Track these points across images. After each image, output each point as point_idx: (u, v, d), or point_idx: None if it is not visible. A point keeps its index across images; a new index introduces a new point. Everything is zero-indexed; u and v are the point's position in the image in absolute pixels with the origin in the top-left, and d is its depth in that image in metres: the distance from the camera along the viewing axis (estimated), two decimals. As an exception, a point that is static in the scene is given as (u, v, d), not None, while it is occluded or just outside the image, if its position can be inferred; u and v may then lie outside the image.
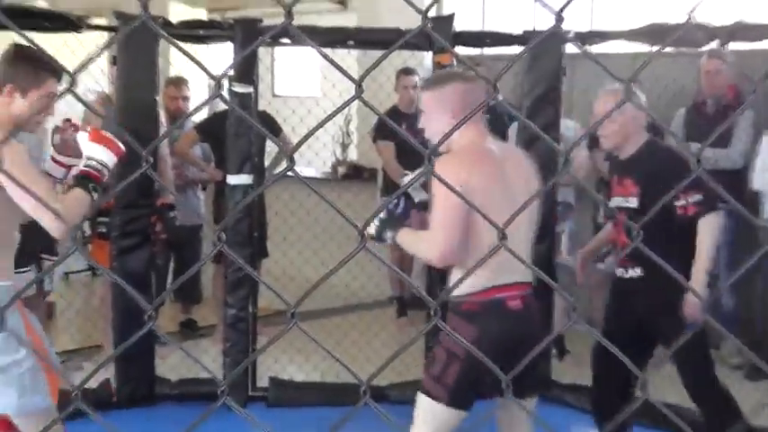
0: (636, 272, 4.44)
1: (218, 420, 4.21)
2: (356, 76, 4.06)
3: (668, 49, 5.90)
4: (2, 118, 3.54)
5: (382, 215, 3.70)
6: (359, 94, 1.05)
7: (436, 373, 3.50)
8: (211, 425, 1.79)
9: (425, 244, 3.51)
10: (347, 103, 1.50)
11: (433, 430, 3.53)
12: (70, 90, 1.33)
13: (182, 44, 6.27)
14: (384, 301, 8.12)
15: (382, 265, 7.84)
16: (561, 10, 1.08)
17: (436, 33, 5.97)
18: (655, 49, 5.79)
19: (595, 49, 6.12)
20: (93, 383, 5.87)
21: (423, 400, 3.55)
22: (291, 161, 1.23)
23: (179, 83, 7.36)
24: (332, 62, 1.42)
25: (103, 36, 6.09)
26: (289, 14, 1.27)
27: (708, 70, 6.32)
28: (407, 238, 3.58)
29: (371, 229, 3.62)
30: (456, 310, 3.51)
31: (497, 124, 6.83)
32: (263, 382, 6.01)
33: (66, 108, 6.08)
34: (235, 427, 4.47)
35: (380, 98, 7.35)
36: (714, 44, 5.81)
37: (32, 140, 4.84)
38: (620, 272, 4.55)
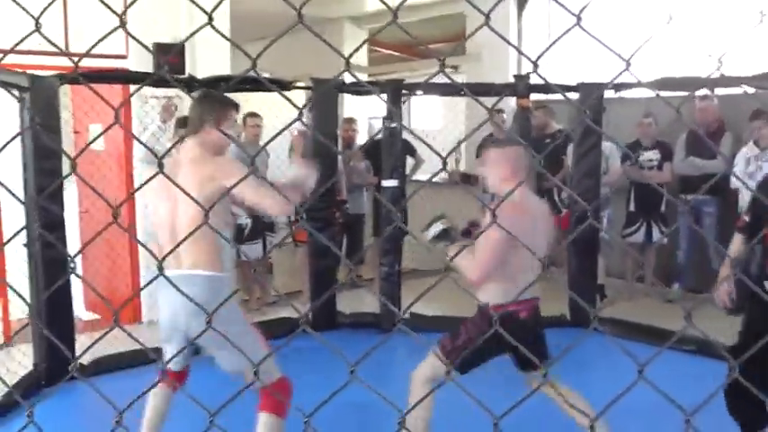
0: None
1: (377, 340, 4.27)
2: (465, 116, 4.05)
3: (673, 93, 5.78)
4: (214, 146, 3.14)
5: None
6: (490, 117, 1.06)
7: (454, 341, 3.33)
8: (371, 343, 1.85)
9: (470, 264, 3.18)
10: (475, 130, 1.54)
11: (432, 374, 3.32)
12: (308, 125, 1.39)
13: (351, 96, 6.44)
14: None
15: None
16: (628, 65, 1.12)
17: (518, 86, 6.00)
18: (663, 94, 5.69)
19: (624, 94, 6.04)
20: (294, 315, 6.09)
21: (437, 353, 3.35)
22: (445, 164, 1.19)
23: (350, 121, 7.52)
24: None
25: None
26: (443, 68, 1.31)
27: (700, 108, 6.30)
28: (458, 255, 3.20)
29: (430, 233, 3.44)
30: (481, 311, 3.34)
31: (563, 144, 6.79)
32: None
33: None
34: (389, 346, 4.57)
35: (483, 129, 7.35)
36: (704, 90, 5.72)
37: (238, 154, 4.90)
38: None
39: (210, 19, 0.92)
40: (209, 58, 6.17)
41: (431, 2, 8.89)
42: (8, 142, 1.25)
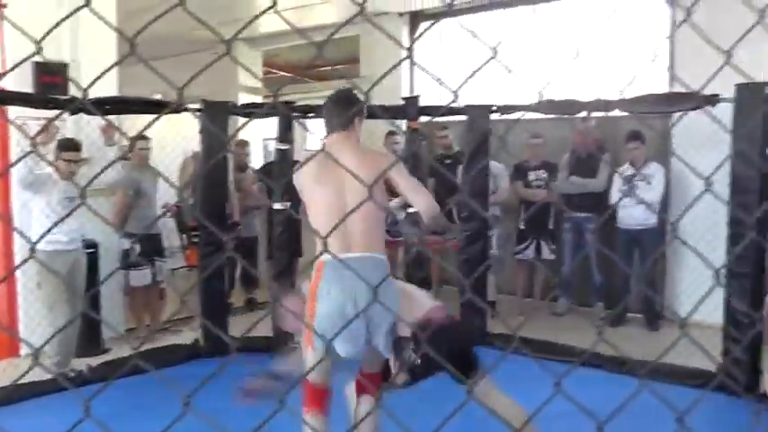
0: None
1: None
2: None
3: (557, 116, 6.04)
4: (358, 139, 3.25)
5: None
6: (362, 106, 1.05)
7: None
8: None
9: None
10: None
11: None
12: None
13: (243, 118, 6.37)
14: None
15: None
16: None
17: (409, 108, 6.10)
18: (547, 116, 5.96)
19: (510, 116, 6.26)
20: (187, 341, 5.92)
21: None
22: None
23: (242, 144, 7.43)
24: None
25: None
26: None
27: (580, 130, 6.59)
28: None
29: None
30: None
31: (455, 165, 6.95)
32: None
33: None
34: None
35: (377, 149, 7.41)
36: (584, 113, 6.01)
37: None
38: None
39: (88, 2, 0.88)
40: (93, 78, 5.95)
41: (326, 24, 8.93)
42: None
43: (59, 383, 4.82)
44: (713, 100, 4.89)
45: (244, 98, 9.97)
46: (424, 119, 6.34)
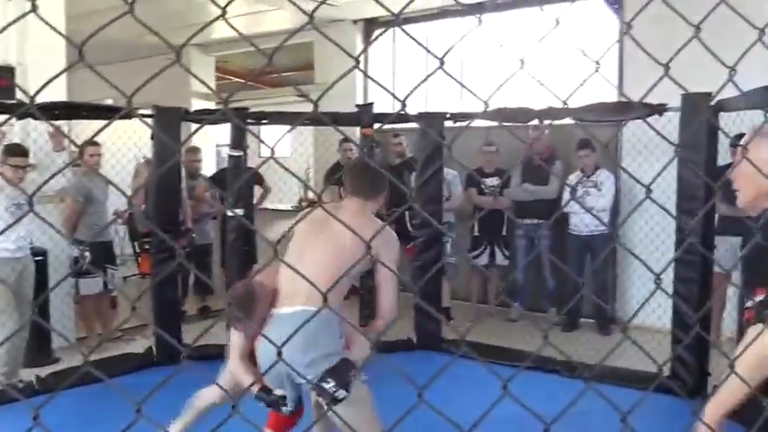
0: None
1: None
2: (312, 145, 4.04)
3: (509, 124, 6.12)
4: (372, 213, 3.16)
5: None
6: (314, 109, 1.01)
7: None
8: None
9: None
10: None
11: None
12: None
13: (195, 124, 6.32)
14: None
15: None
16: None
17: (363, 115, 6.12)
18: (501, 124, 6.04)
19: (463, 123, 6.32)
20: (139, 350, 5.82)
21: None
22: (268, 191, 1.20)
23: (194, 150, 7.37)
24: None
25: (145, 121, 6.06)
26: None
27: (533, 137, 6.69)
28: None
29: None
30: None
31: (406, 172, 7.00)
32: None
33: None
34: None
35: (329, 157, 7.43)
36: (536, 121, 6.10)
37: None
38: None
39: (34, 8, 0.87)
40: (42, 83, 5.84)
41: (279, 30, 8.91)
42: None
43: (7, 395, 4.71)
44: (660, 109, 5.01)
45: (197, 104, 9.88)
46: (377, 126, 6.36)
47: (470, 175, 6.98)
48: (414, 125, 6.39)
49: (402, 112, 5.47)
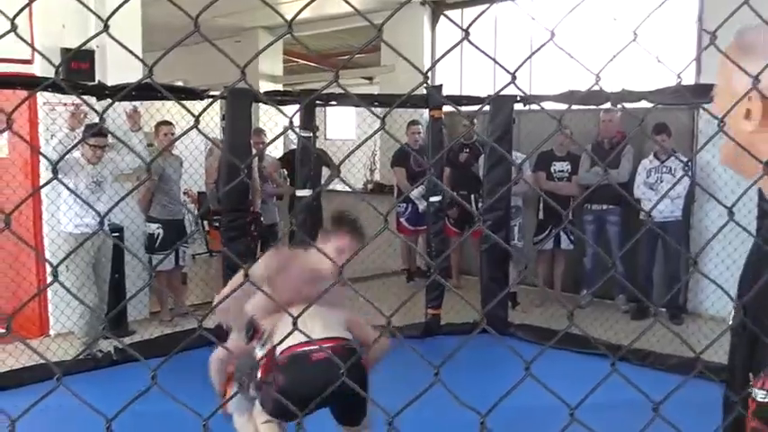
0: None
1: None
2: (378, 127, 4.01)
3: (580, 107, 6.00)
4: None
5: None
6: (381, 126, 0.98)
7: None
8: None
9: None
10: (372, 134, 1.54)
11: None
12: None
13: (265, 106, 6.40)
14: (397, 271, 8.17)
15: (396, 246, 7.93)
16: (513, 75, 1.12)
17: (432, 97, 6.08)
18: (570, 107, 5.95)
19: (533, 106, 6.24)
20: (209, 325, 5.95)
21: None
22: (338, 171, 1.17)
23: (260, 132, 7.47)
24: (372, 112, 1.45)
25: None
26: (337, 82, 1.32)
27: (604, 120, 6.54)
28: None
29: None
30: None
31: (475, 154, 6.95)
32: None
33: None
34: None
35: (396, 140, 7.41)
36: (608, 104, 5.96)
37: None
38: None
39: (106, 27, 0.89)
40: (120, 64, 6.00)
41: (345, 13, 8.93)
42: None
43: (86, 363, 4.93)
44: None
45: (264, 86, 10.01)
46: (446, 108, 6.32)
47: (541, 157, 6.88)
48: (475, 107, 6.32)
49: (471, 96, 5.39)
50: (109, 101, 5.53)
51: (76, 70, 5.79)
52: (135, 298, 6.06)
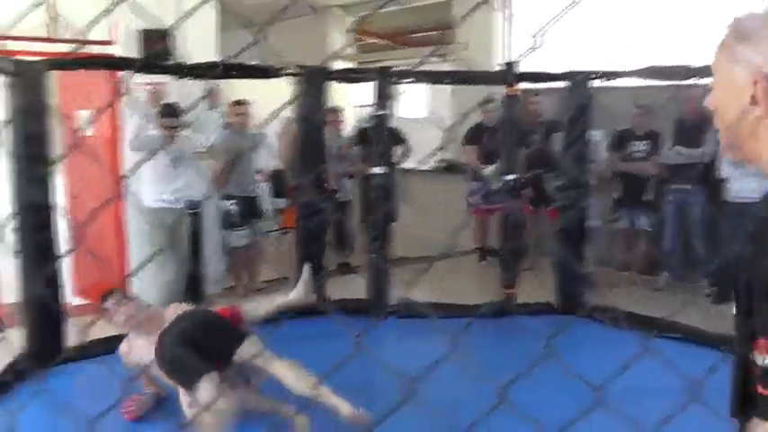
0: None
1: (366, 326, 4.28)
2: (450, 105, 4.04)
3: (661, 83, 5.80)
4: None
5: None
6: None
7: None
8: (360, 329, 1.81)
9: None
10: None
11: None
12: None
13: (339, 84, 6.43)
14: (470, 250, 8.11)
15: (468, 225, 7.88)
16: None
17: (508, 74, 5.98)
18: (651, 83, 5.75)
19: (611, 83, 6.05)
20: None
21: None
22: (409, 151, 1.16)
23: (336, 110, 7.49)
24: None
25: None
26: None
27: (692, 96, 6.22)
28: None
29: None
30: None
31: (552, 132, 6.82)
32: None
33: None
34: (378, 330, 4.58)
35: (471, 117, 7.36)
36: (694, 80, 5.71)
37: None
38: None
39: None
40: (197, 44, 6.11)
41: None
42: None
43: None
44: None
45: (336, 65, 10.04)
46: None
47: (619, 137, 6.70)
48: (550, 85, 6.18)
49: (548, 72, 5.26)
50: (187, 80, 5.67)
51: (155, 50, 5.93)
52: (211, 273, 6.21)
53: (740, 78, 1.08)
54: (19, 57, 4.66)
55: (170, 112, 5.40)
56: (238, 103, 6.36)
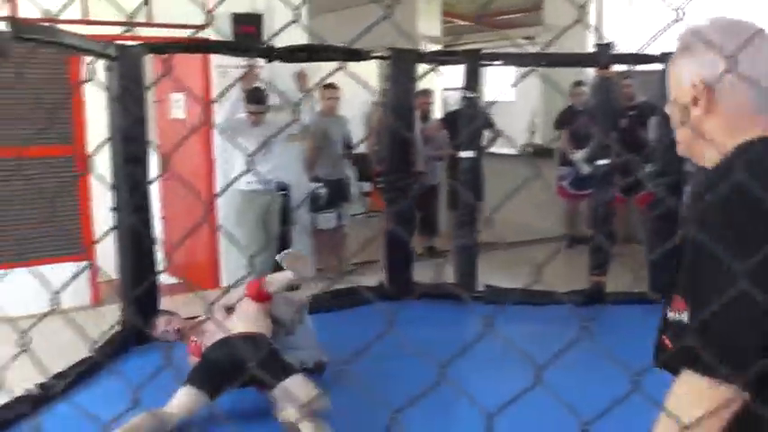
0: None
1: (454, 311, 4.25)
2: (539, 88, 3.96)
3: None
4: None
5: None
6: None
7: None
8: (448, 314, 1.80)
9: None
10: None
11: None
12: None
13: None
14: (559, 236, 7.94)
15: (557, 210, 7.72)
16: None
17: (600, 55, 5.79)
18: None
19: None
20: (372, 283, 6.05)
21: None
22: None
23: (426, 92, 7.43)
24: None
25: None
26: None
27: None
28: None
29: None
30: None
31: (644, 116, 6.58)
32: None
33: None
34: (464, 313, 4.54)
35: (559, 100, 7.18)
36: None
37: None
38: None
39: None
40: (287, 27, 6.13)
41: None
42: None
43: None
44: None
45: (424, 47, 9.96)
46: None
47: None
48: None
49: (643, 54, 5.06)
50: (276, 62, 5.72)
51: (245, 34, 6.01)
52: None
53: (687, 84, 1.25)
54: (119, 41, 4.80)
55: (256, 97, 5.46)
56: (329, 86, 6.38)
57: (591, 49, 7.09)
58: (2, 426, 3.48)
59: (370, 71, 7.43)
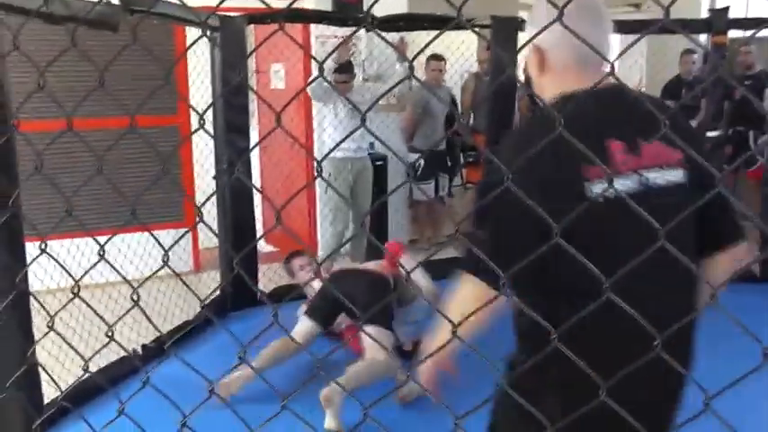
0: None
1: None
2: (645, 56, 3.74)
3: None
4: None
5: None
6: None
7: None
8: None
9: None
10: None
11: None
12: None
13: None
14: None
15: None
16: None
17: (714, 21, 5.46)
18: None
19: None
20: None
21: None
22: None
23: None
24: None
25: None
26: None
27: None
28: None
29: None
30: None
31: (757, 87, 6.20)
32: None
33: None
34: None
35: (669, 70, 6.86)
36: None
37: None
38: None
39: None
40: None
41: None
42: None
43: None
44: None
45: (524, 15, 9.68)
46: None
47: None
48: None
49: (762, 17, 4.73)
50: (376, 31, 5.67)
51: (346, 3, 5.98)
52: (396, 225, 6.25)
53: (529, 48, 1.53)
54: (222, 12, 4.86)
55: (340, 70, 5.35)
56: (434, 57, 6.26)
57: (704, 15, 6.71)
58: (113, 381, 3.64)
59: (469, 41, 7.26)
